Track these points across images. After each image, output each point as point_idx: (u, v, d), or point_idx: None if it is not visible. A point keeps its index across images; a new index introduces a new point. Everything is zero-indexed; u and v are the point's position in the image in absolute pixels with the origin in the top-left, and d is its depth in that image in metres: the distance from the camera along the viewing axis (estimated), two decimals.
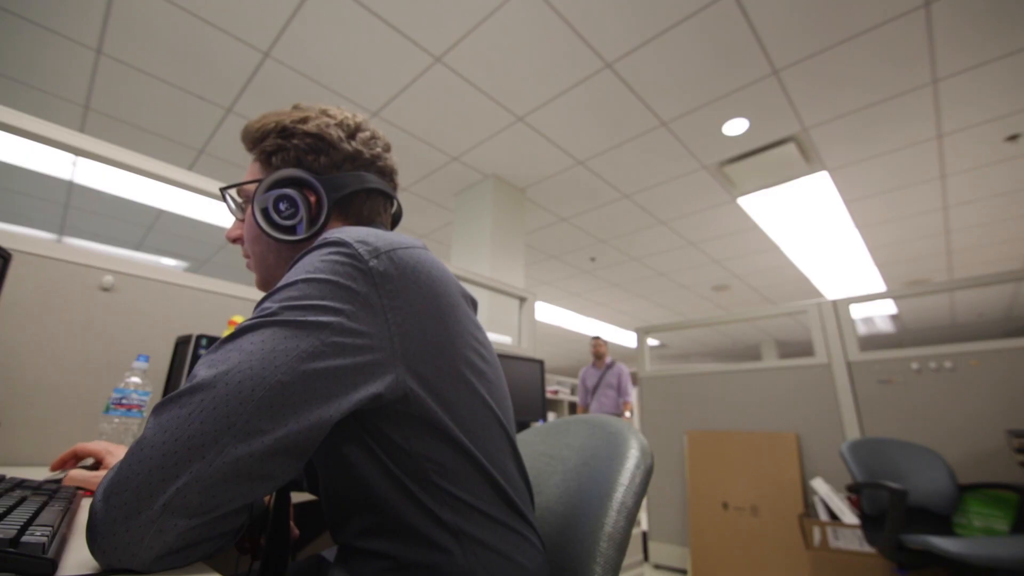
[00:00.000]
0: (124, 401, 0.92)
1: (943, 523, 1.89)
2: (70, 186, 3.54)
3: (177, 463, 0.36)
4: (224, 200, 0.69)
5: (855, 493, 1.87)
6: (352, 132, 0.65)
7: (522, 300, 2.63)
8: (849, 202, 3.68)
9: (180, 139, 3.07)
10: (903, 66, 2.39)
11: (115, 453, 0.66)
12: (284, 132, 0.63)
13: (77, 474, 0.60)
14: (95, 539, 0.36)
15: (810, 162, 3.18)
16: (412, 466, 0.49)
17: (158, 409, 0.39)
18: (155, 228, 4.26)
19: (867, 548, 2.00)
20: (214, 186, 1.45)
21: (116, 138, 2.97)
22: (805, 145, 3.02)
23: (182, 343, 1.13)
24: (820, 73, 2.44)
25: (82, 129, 2.96)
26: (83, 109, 2.79)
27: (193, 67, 2.48)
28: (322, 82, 2.58)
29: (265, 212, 0.60)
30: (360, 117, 0.68)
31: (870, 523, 1.82)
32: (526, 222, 3.93)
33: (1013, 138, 2.90)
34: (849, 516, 2.16)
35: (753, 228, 4.16)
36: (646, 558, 3.04)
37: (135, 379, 0.95)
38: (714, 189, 3.55)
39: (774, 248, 4.56)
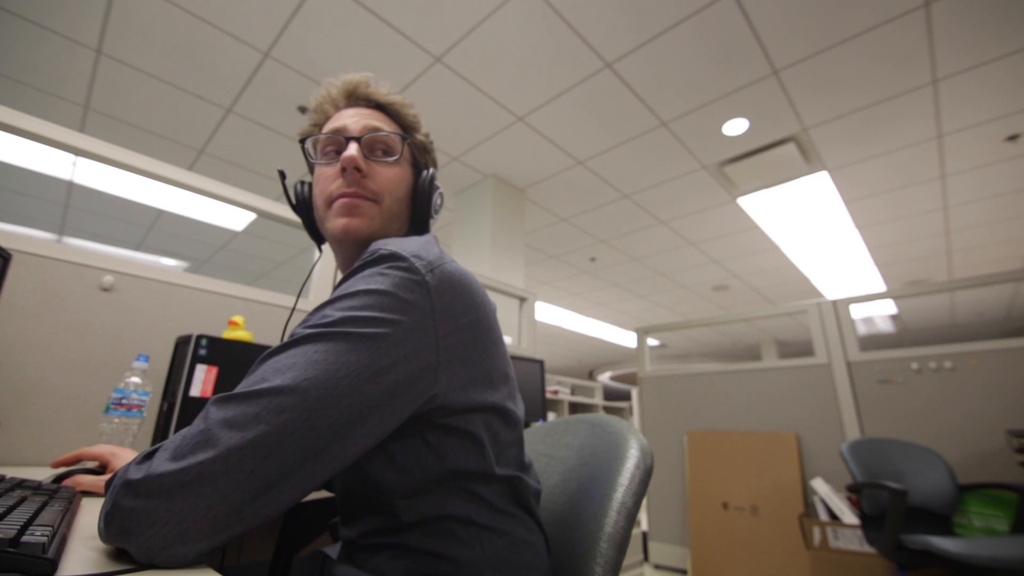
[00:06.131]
0: (124, 401, 0.92)
1: (943, 523, 1.89)
2: (70, 186, 3.53)
3: (254, 472, 0.38)
4: (383, 129, 0.68)
5: (855, 493, 1.87)
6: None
7: (522, 300, 2.63)
8: (849, 202, 3.68)
9: (180, 139, 3.07)
10: (903, 66, 2.39)
11: (120, 455, 0.66)
12: (423, 132, 0.73)
13: (82, 479, 0.61)
14: (142, 532, 0.36)
15: (810, 162, 3.18)
16: (431, 467, 0.50)
17: (222, 405, 0.40)
18: (155, 228, 4.25)
19: (867, 548, 2.00)
20: (214, 186, 1.45)
21: (116, 138, 2.97)
22: (805, 145, 3.02)
23: (182, 343, 1.13)
24: (820, 73, 2.44)
25: (82, 129, 2.96)
26: (83, 109, 2.79)
27: (193, 67, 2.48)
28: (322, 82, 2.58)
29: (431, 196, 0.71)
30: None
31: (870, 523, 1.82)
32: (526, 222, 3.92)
33: (1013, 138, 2.90)
34: (849, 516, 2.16)
35: (753, 228, 4.16)
36: (646, 558, 3.04)
37: (135, 379, 0.95)
38: (714, 189, 3.55)
39: (774, 248, 4.56)
